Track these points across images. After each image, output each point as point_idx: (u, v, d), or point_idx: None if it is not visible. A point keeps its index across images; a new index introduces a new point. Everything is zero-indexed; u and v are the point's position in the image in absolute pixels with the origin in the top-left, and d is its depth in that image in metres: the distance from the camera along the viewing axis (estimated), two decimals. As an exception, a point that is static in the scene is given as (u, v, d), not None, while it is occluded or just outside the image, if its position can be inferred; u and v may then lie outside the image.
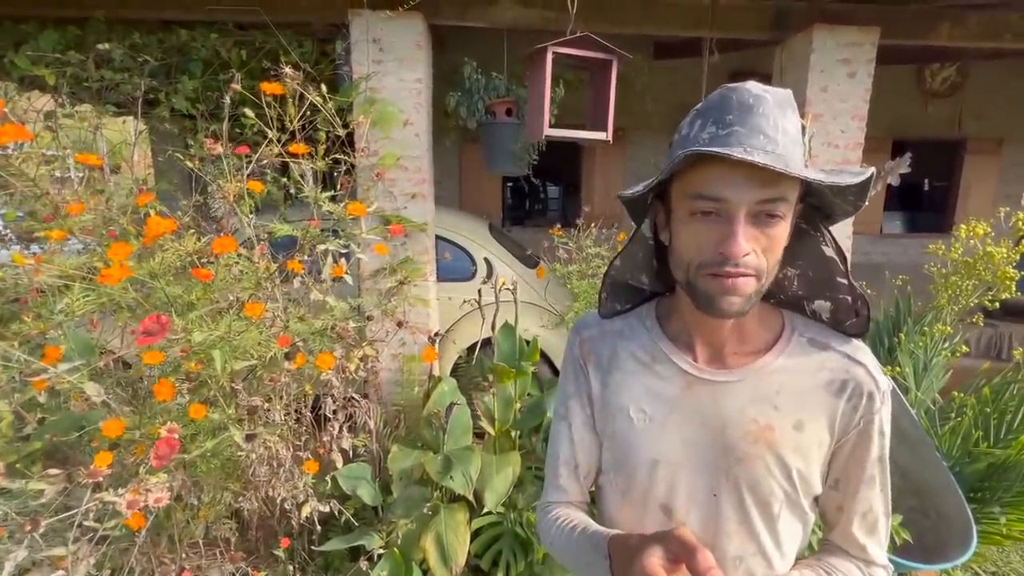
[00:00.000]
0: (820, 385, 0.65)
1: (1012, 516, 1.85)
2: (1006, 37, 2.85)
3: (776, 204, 0.57)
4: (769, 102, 0.57)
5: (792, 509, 0.67)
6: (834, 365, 0.66)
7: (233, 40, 2.71)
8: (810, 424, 0.65)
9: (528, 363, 2.19)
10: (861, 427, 0.65)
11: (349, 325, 1.74)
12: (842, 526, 0.70)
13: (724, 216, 0.58)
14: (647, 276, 0.76)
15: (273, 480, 1.52)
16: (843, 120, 2.79)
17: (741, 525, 0.66)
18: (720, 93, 0.59)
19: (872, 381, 0.65)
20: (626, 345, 0.74)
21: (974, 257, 2.23)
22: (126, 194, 1.78)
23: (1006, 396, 2.10)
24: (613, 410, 0.72)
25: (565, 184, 7.93)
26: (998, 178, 5.82)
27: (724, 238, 0.57)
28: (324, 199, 1.69)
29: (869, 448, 0.66)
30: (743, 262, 0.57)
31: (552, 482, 0.80)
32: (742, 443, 0.65)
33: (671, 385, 0.69)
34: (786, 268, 0.70)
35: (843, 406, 0.65)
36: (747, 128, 0.56)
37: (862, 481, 0.67)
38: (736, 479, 0.65)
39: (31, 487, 1.12)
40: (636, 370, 0.72)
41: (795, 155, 0.57)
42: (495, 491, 1.89)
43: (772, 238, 0.58)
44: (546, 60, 1.98)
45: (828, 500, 0.70)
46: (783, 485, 0.65)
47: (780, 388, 0.66)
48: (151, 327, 0.96)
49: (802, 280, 0.71)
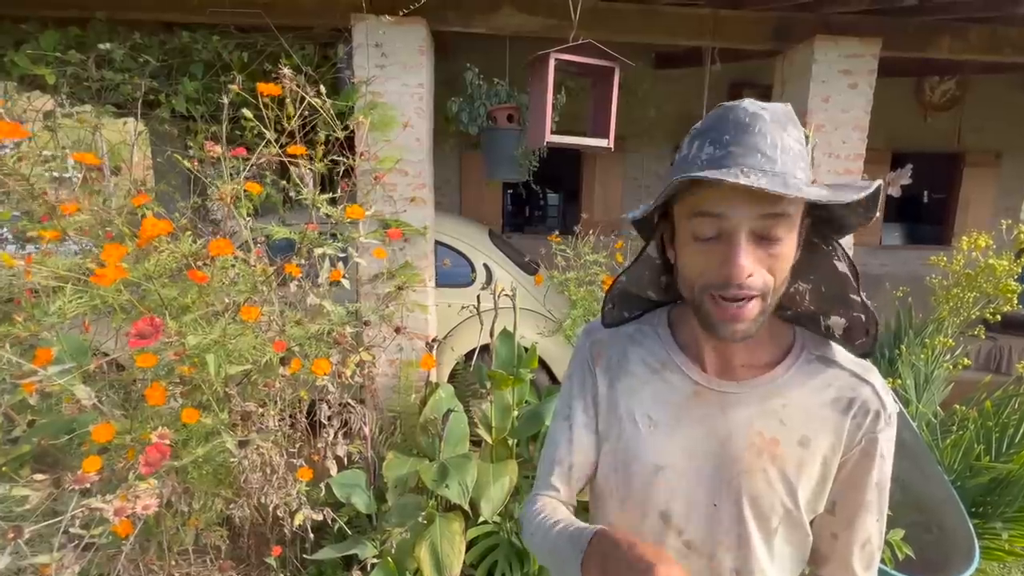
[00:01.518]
0: (826, 402, 0.65)
1: (1015, 532, 1.83)
2: (1005, 51, 2.86)
3: (777, 220, 0.56)
4: (766, 120, 0.56)
5: (792, 527, 0.66)
6: (841, 383, 0.65)
7: (235, 43, 2.71)
8: (815, 441, 0.64)
9: (526, 370, 2.17)
10: (863, 445, 0.64)
11: (346, 330, 1.72)
12: (840, 557, 0.68)
13: (725, 237, 0.57)
14: (655, 291, 0.76)
15: (266, 487, 1.50)
16: (844, 131, 2.79)
17: (739, 538, 0.66)
18: (717, 112, 0.59)
19: (878, 401, 0.64)
20: (637, 350, 0.74)
21: (976, 269, 2.22)
22: (123, 195, 1.77)
23: (1008, 410, 2.09)
24: (619, 413, 0.72)
25: (564, 192, 7.94)
26: (997, 191, 5.84)
27: (726, 260, 0.57)
28: (323, 202, 1.67)
29: (869, 470, 0.65)
30: (747, 283, 0.56)
31: (543, 479, 0.78)
32: (746, 455, 0.65)
33: (679, 393, 0.69)
34: (797, 283, 0.69)
35: (848, 424, 0.64)
36: (743, 148, 0.55)
37: (860, 506, 0.66)
38: (737, 490, 0.65)
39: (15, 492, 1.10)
40: (645, 376, 0.71)
41: (796, 171, 0.56)
42: (491, 500, 1.86)
43: (777, 256, 0.58)
44: (548, 66, 1.98)
45: (823, 526, 0.69)
46: (784, 500, 0.64)
47: (787, 403, 0.65)
48: (144, 329, 0.94)
49: (814, 295, 0.69)
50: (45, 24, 2.61)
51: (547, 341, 2.96)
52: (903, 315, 2.55)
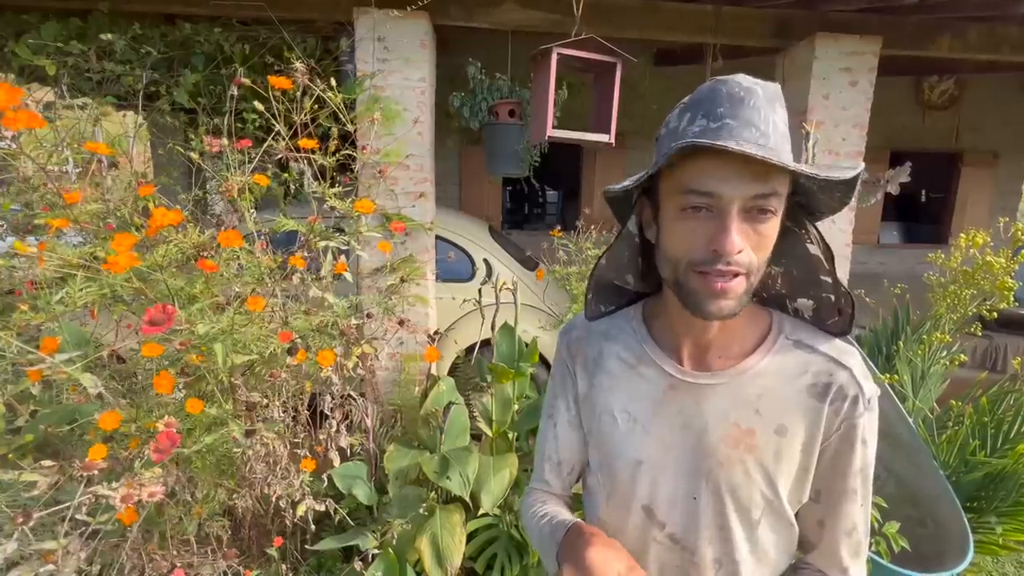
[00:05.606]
0: (803, 388, 0.63)
1: (1008, 526, 1.85)
2: (1004, 49, 2.88)
3: (768, 199, 0.55)
4: (759, 95, 0.55)
5: (775, 518, 0.66)
6: (818, 368, 0.64)
7: (236, 35, 2.70)
8: (793, 429, 0.63)
9: (527, 364, 2.18)
10: (842, 431, 0.63)
11: (351, 322, 1.72)
12: (826, 545, 0.67)
13: (716, 212, 0.56)
14: (632, 276, 0.75)
15: (269, 478, 1.51)
16: (844, 128, 2.81)
17: (720, 530, 0.65)
18: (710, 86, 0.58)
19: (856, 385, 0.62)
20: (611, 346, 0.74)
21: (973, 267, 2.24)
22: (124, 187, 1.77)
23: (1003, 406, 2.11)
24: (599, 411, 0.72)
25: (564, 189, 7.94)
26: (994, 190, 5.87)
27: (717, 234, 0.55)
28: (332, 195, 1.68)
29: (851, 457, 0.63)
30: (735, 259, 0.55)
31: (537, 474, 0.83)
32: (722, 446, 0.64)
33: (655, 387, 0.68)
34: (771, 266, 0.68)
35: (826, 410, 0.62)
36: (739, 121, 0.54)
37: (844, 493, 0.65)
38: (716, 483, 0.64)
39: (24, 479, 1.10)
40: (621, 372, 0.71)
41: (785, 150, 0.56)
42: (491, 493, 1.87)
43: (763, 235, 0.57)
44: (551, 61, 1.99)
45: (809, 514, 0.68)
46: (764, 492, 0.64)
47: (762, 392, 0.64)
48: (157, 317, 0.94)
49: (786, 278, 0.69)
50: (46, 15, 2.60)
51: (547, 336, 2.97)
52: (900, 312, 2.57)
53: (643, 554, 0.70)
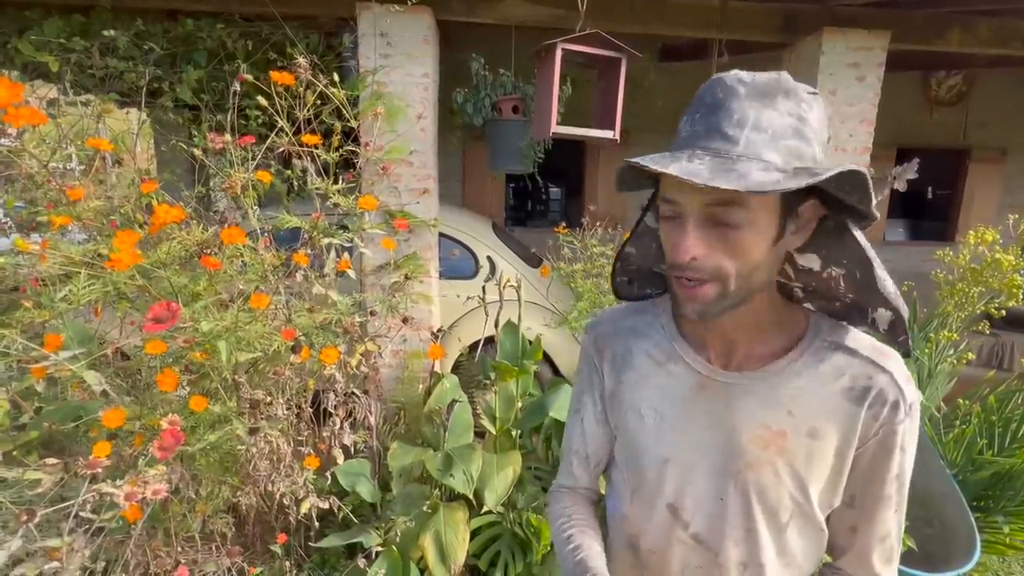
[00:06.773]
0: (838, 391, 0.61)
1: (1016, 526, 1.84)
2: (1014, 44, 2.84)
3: (728, 209, 0.53)
4: (740, 95, 0.53)
5: (804, 521, 0.64)
6: (856, 371, 0.61)
7: (239, 31, 2.69)
8: (826, 432, 0.61)
9: (530, 362, 2.18)
10: (880, 437, 0.61)
11: (355, 320, 1.72)
12: (858, 551, 0.66)
13: (679, 220, 0.57)
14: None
15: (273, 475, 1.51)
16: (851, 124, 2.78)
17: (747, 532, 0.64)
18: (704, 85, 0.58)
19: (897, 390, 0.60)
20: (640, 343, 0.73)
21: (981, 264, 2.22)
22: (128, 184, 1.77)
23: (1010, 405, 2.09)
24: (625, 408, 0.72)
25: (567, 186, 7.91)
26: (1002, 188, 5.82)
27: (676, 242, 0.57)
28: (335, 192, 1.67)
29: (889, 464, 0.61)
30: (691, 266, 0.56)
31: (565, 468, 0.83)
32: (751, 447, 0.63)
33: (683, 385, 0.68)
34: (830, 268, 0.63)
35: (864, 414, 0.60)
36: (706, 129, 0.54)
37: (880, 500, 0.63)
38: (744, 484, 0.63)
39: (28, 476, 1.10)
40: (649, 369, 0.71)
41: (766, 153, 0.51)
42: (495, 491, 1.87)
43: (734, 241, 0.55)
44: (555, 57, 1.97)
45: (841, 519, 0.66)
46: (794, 495, 0.63)
47: (796, 393, 0.62)
48: (161, 314, 0.94)
49: (849, 280, 0.63)
50: (49, 11, 2.60)
51: (551, 334, 2.96)
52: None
53: (666, 552, 0.69)
